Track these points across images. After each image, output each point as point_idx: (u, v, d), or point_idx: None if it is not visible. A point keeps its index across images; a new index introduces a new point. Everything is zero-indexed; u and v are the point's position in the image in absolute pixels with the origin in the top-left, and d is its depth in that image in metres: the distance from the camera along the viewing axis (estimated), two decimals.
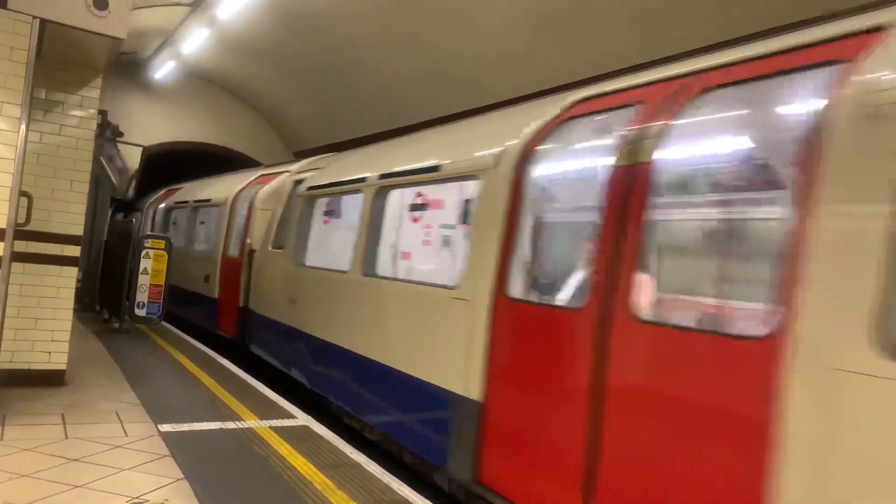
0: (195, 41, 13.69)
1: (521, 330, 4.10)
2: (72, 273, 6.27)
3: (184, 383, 6.79)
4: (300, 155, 17.17)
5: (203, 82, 17.48)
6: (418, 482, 4.89)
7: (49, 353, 6.12)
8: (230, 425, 5.37)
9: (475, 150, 5.06)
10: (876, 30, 2.85)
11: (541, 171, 4.42)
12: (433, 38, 10.79)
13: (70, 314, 6.26)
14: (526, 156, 4.37)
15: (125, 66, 15.39)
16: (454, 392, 4.53)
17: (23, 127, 4.98)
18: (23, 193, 5.19)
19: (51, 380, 6.08)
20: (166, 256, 9.94)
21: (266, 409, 5.99)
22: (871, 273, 2.41)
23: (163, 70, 16.07)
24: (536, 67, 9.70)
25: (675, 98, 3.60)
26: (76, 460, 4.27)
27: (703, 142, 3.99)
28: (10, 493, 3.64)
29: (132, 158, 14.17)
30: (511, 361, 4.13)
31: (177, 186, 15.84)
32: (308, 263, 7.66)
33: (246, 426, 5.39)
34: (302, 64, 14.15)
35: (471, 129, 5.90)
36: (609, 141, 3.92)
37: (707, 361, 3.01)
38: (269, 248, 8.78)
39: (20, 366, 5.96)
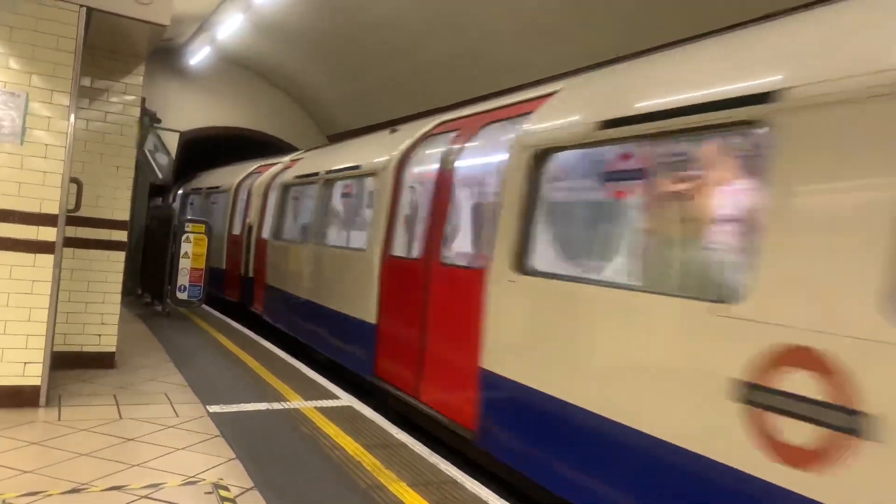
0: (230, 26, 13.76)
1: (396, 274, 6.19)
2: (119, 257, 6.40)
3: (228, 364, 6.93)
4: (333, 139, 17.26)
5: (237, 67, 17.59)
6: (463, 462, 4.94)
7: (99, 335, 6.28)
8: (276, 406, 5.48)
9: (375, 155, 7.21)
10: (548, 95, 4.78)
11: (409, 170, 6.54)
12: (468, 19, 10.69)
13: (118, 298, 6.40)
14: (403, 161, 6.58)
15: (161, 52, 15.45)
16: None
17: (72, 116, 5.08)
18: (73, 180, 5.30)
19: (101, 362, 6.24)
20: (206, 240, 10.10)
21: (310, 390, 6.08)
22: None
23: (198, 56, 16.19)
24: (576, 44, 9.58)
25: (471, 128, 5.73)
26: (132, 440, 4.39)
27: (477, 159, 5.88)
28: (72, 472, 3.76)
29: (169, 144, 14.38)
30: (391, 295, 6.22)
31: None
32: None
33: (291, 406, 5.49)
34: (335, 48, 14.15)
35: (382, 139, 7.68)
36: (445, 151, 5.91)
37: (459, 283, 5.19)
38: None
39: (72, 348, 6.12)
